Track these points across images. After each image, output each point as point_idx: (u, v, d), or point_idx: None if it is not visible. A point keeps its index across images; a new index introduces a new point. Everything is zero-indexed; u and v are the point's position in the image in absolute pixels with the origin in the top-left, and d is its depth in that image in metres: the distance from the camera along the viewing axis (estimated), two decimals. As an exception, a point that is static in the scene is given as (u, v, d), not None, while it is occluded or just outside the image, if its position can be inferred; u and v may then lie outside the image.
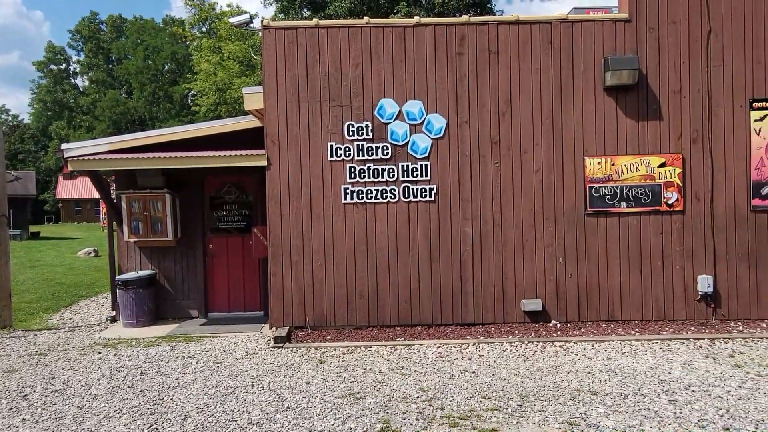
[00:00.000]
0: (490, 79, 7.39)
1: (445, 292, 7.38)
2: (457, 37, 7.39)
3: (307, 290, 7.37)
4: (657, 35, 7.34)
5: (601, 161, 7.35)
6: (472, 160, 7.40)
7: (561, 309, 7.37)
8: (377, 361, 6.05)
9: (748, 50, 7.29)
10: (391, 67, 7.40)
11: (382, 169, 7.37)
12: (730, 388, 4.94)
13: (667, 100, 7.34)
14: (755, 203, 7.26)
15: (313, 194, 7.38)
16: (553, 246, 7.37)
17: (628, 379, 5.25)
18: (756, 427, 4.13)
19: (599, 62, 7.34)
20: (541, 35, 7.38)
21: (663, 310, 7.33)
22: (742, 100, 7.30)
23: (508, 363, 5.87)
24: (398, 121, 7.38)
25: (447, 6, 26.04)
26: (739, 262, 7.28)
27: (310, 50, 7.40)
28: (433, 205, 7.39)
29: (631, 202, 7.33)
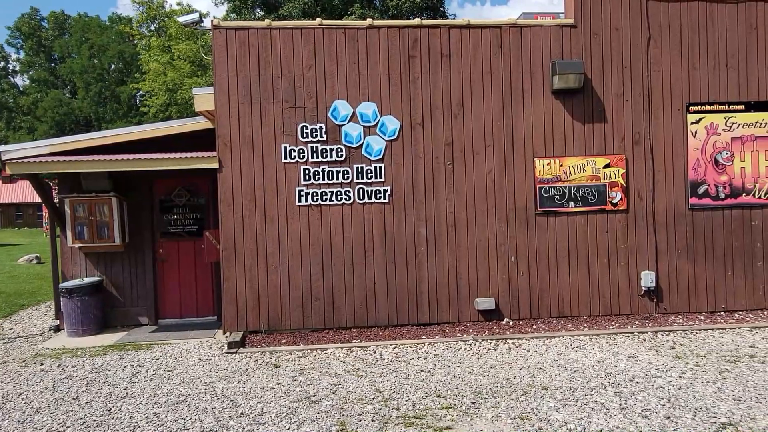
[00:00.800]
0: (442, 82, 7.50)
1: (401, 292, 7.43)
2: (410, 40, 7.46)
3: (261, 294, 7.28)
4: (601, 41, 7.62)
5: (550, 162, 7.57)
6: (426, 161, 7.48)
7: (513, 307, 7.54)
8: (333, 363, 6.02)
9: (684, 56, 7.66)
10: (345, 68, 7.40)
11: (337, 171, 7.35)
12: (671, 378, 5.17)
13: (611, 103, 7.63)
14: (693, 202, 7.64)
15: (266, 197, 7.30)
16: (506, 245, 7.54)
17: (577, 373, 5.43)
18: (694, 414, 4.34)
19: (547, 66, 7.56)
20: (491, 39, 7.54)
21: (609, 305, 7.61)
22: (680, 103, 7.66)
23: (462, 361, 5.96)
24: (352, 122, 7.38)
25: (401, 9, 26.24)
26: (679, 258, 7.64)
27: (262, 51, 7.32)
28: (388, 207, 7.43)
29: (578, 201, 7.57)
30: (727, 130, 7.68)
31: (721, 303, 7.66)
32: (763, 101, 7.68)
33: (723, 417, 4.27)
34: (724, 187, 7.67)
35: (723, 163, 7.67)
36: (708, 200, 7.64)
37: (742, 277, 7.67)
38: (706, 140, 7.66)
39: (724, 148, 7.68)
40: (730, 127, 7.67)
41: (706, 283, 7.66)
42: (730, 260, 7.67)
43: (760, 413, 4.33)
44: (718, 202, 7.65)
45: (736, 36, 7.68)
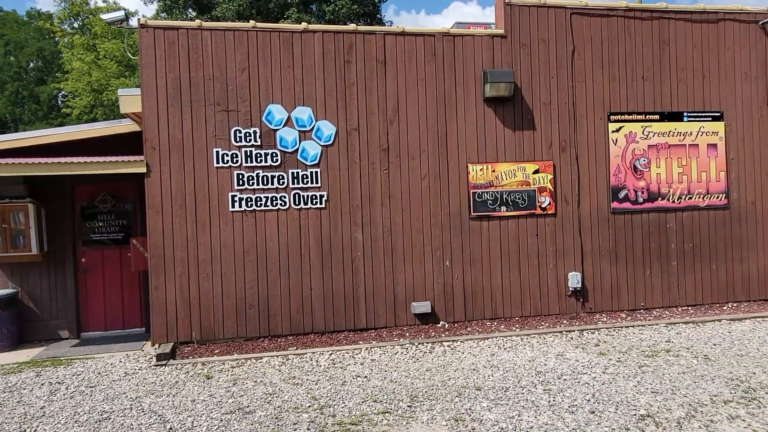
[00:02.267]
0: (378, 88, 7.55)
1: (338, 298, 7.39)
2: (346, 45, 7.47)
3: (192, 303, 7.03)
4: (529, 51, 7.92)
5: (483, 168, 7.77)
6: (362, 166, 7.49)
7: (449, 310, 7.67)
8: (268, 372, 5.90)
9: (605, 68, 8.10)
10: (279, 72, 7.30)
11: (272, 176, 7.23)
12: (596, 374, 5.42)
13: (540, 111, 7.94)
14: (614, 206, 8.07)
15: (198, 202, 7.07)
16: (441, 250, 7.66)
17: (509, 372, 5.59)
18: (616, 408, 4.56)
19: (479, 75, 7.78)
20: (425, 47, 7.68)
21: (540, 306, 7.89)
22: (602, 113, 8.09)
23: (399, 365, 5.99)
24: (287, 127, 7.29)
25: (337, 14, 26.24)
26: (602, 259, 8.04)
27: (193, 52, 7.10)
28: (324, 212, 7.38)
29: (510, 206, 7.82)
30: (644, 139, 8.17)
31: (641, 301, 8.12)
32: (675, 112, 8.23)
33: (642, 409, 4.51)
34: (642, 192, 8.15)
35: (641, 169, 8.16)
36: (628, 204, 8.10)
37: (659, 277, 8.17)
38: (626, 148, 8.12)
39: (641, 155, 8.17)
40: (647, 136, 8.18)
41: (627, 283, 8.10)
42: (648, 261, 8.15)
43: (675, 404, 4.61)
44: (637, 206, 8.12)
45: (651, 50, 8.20)
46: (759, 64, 8.50)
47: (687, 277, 8.24)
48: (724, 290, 8.35)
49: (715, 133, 8.34)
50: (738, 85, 8.43)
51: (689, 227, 8.27)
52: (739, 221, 8.40)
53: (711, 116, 8.34)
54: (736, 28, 8.46)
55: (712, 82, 8.36)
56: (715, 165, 8.34)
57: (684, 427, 4.17)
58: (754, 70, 8.49)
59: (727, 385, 5.03)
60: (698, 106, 8.32)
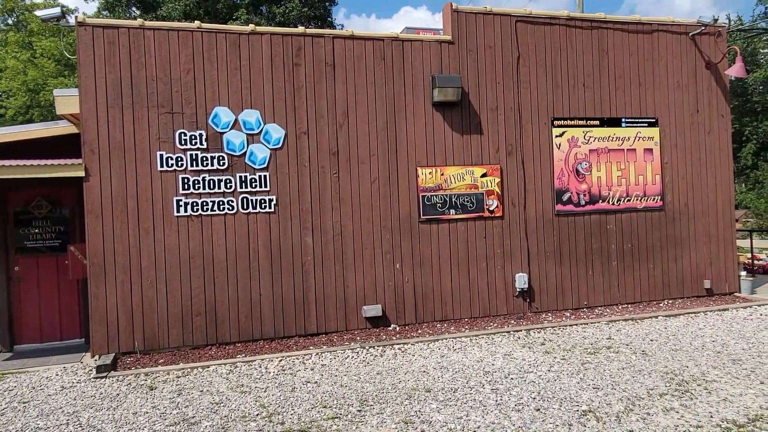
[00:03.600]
0: (327, 91, 7.52)
1: (288, 303, 7.30)
2: (294, 48, 7.41)
3: (135, 311, 6.78)
4: (476, 57, 8.08)
5: (432, 171, 7.87)
6: (312, 170, 7.44)
7: (400, 313, 7.71)
8: (215, 381, 5.76)
9: (549, 75, 8.36)
10: (226, 74, 7.17)
11: (219, 180, 7.08)
12: (541, 372, 5.57)
13: (487, 116, 8.11)
14: (558, 208, 8.33)
15: (141, 207, 6.83)
16: (391, 253, 7.70)
17: (458, 373, 5.66)
18: (560, 404, 4.70)
19: (428, 79, 7.87)
20: (374, 51, 7.71)
21: (488, 307, 8.05)
22: (546, 118, 8.34)
23: (349, 370, 5.97)
24: (235, 130, 7.16)
25: (288, 17, 26.01)
26: (548, 260, 8.28)
27: (135, 52, 6.87)
28: (273, 216, 7.28)
29: (458, 209, 7.94)
30: (585, 143, 8.48)
31: (584, 300, 8.41)
32: (613, 117, 8.59)
33: (584, 405, 4.67)
34: (585, 195, 8.45)
35: (583, 172, 8.46)
36: (571, 207, 8.37)
37: (601, 276, 8.49)
38: (569, 152, 8.40)
39: (583, 159, 8.47)
40: (588, 141, 8.49)
41: (571, 283, 8.37)
42: (591, 261, 8.45)
43: (614, 399, 4.79)
44: (579, 209, 8.41)
45: (592, 58, 8.53)
46: (690, 73, 8.98)
47: (626, 276, 8.59)
48: (660, 288, 8.75)
49: (651, 138, 8.75)
50: (671, 93, 8.87)
51: (628, 228, 8.63)
52: (673, 222, 8.83)
53: (647, 122, 8.74)
54: (669, 39, 8.90)
55: (648, 89, 8.77)
56: (651, 169, 8.75)
57: (623, 420, 4.34)
58: (685, 79, 8.96)
59: (662, 378, 5.27)
60: (635, 113, 8.70)
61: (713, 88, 9.08)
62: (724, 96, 9.15)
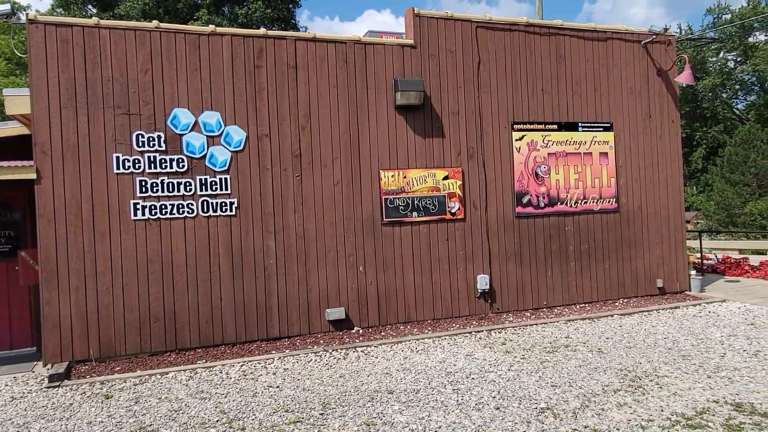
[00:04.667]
0: (289, 94, 7.48)
1: (249, 307, 7.22)
2: (256, 50, 7.35)
3: (90, 318, 6.58)
4: (438, 62, 8.18)
5: (394, 174, 7.92)
6: (274, 173, 7.39)
7: (363, 315, 7.72)
8: (174, 388, 5.64)
9: (508, 80, 8.53)
10: (186, 75, 7.05)
11: (178, 183, 6.95)
12: (501, 372, 5.67)
13: (448, 119, 8.22)
14: (518, 210, 8.50)
15: (96, 211, 6.65)
16: (354, 255, 7.70)
17: (421, 375, 5.71)
18: (520, 402, 4.80)
19: (390, 83, 7.92)
20: (337, 54, 7.71)
21: (451, 308, 8.14)
22: (506, 122, 8.50)
23: (312, 373, 5.95)
24: (194, 132, 7.05)
25: (250, 18, 25.74)
26: (508, 262, 8.44)
27: (90, 52, 6.69)
28: (235, 219, 7.19)
29: (421, 211, 8.01)
30: (544, 147, 8.68)
31: (544, 300, 8.60)
32: (571, 122, 8.82)
33: (542, 402, 4.78)
34: (544, 197, 8.65)
35: (542, 175, 8.66)
36: (531, 209, 8.56)
37: (560, 277, 8.70)
38: (528, 155, 8.59)
39: (542, 162, 8.67)
40: (547, 144, 8.69)
41: (531, 284, 8.55)
42: (550, 262, 8.65)
43: (571, 396, 4.92)
44: (539, 211, 8.61)
45: (550, 64, 8.75)
46: (642, 80, 9.31)
47: (584, 276, 8.83)
48: (616, 287, 9.03)
49: (606, 142, 9.03)
50: (625, 99, 9.18)
51: (585, 230, 8.87)
52: (627, 224, 9.13)
53: (602, 126, 9.02)
54: (623, 47, 9.22)
55: (603, 95, 9.05)
56: (607, 172, 9.03)
57: (579, 416, 4.46)
58: (638, 86, 9.28)
59: (617, 375, 5.44)
60: (591, 117, 8.97)
61: (664, 95, 9.44)
62: (675, 102, 9.52)
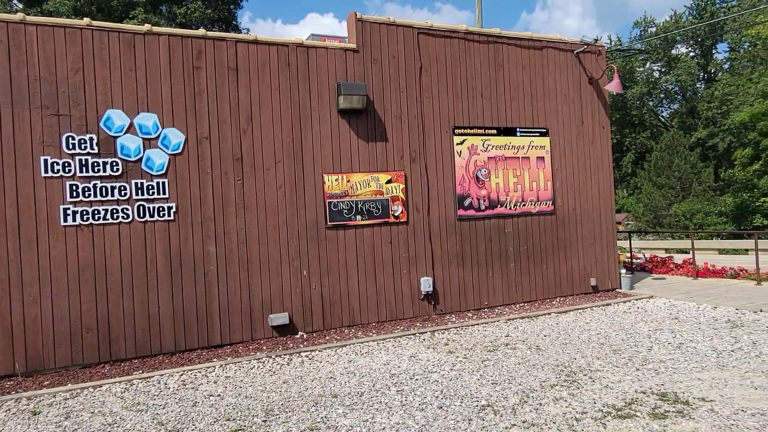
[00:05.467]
0: (230, 96, 7.35)
1: (190, 315, 7.02)
2: (195, 51, 7.18)
3: (16, 330, 6.22)
4: (381, 66, 8.26)
5: (338, 178, 7.92)
6: (214, 176, 7.23)
7: (307, 320, 7.67)
8: (109, 401, 5.41)
9: (449, 85, 8.72)
10: (120, 75, 6.80)
11: (112, 187, 6.68)
12: (444, 372, 5.78)
13: (391, 124, 8.31)
14: (460, 213, 8.69)
15: (22, 216, 6.29)
16: (298, 260, 7.65)
17: (365, 377, 5.73)
18: (461, 401, 4.91)
19: (333, 87, 7.93)
20: (279, 57, 7.65)
21: (395, 310, 8.21)
22: (447, 126, 8.68)
23: (255, 380, 5.85)
24: (129, 134, 6.80)
25: (189, 18, 25.08)
26: (451, 264, 8.61)
27: (15, 49, 6.34)
28: (173, 224, 6.98)
29: (365, 215, 8.05)
30: (484, 151, 8.92)
31: (485, 301, 8.83)
32: (509, 127, 9.11)
33: (483, 400, 4.90)
34: (484, 200, 8.88)
35: (482, 179, 8.89)
36: (472, 212, 8.77)
37: (500, 277, 8.95)
38: (469, 159, 8.80)
39: (482, 166, 8.91)
40: (487, 149, 8.94)
41: (473, 285, 8.76)
42: (491, 263, 8.89)
43: (511, 392, 5.08)
44: (480, 213, 8.83)
45: (489, 71, 9.01)
46: (575, 87, 9.74)
47: (523, 276, 9.13)
48: (553, 286, 9.38)
49: (543, 147, 9.39)
50: (560, 106, 9.57)
51: (524, 232, 9.18)
52: (563, 225, 9.51)
53: (539, 132, 9.36)
54: (558, 56, 9.61)
55: (540, 101, 9.40)
56: (543, 175, 9.38)
57: (518, 412, 4.60)
58: (572, 93, 9.70)
59: (553, 371, 5.65)
60: (528, 123, 9.29)
61: (595, 102, 9.91)
62: (605, 109, 10.02)
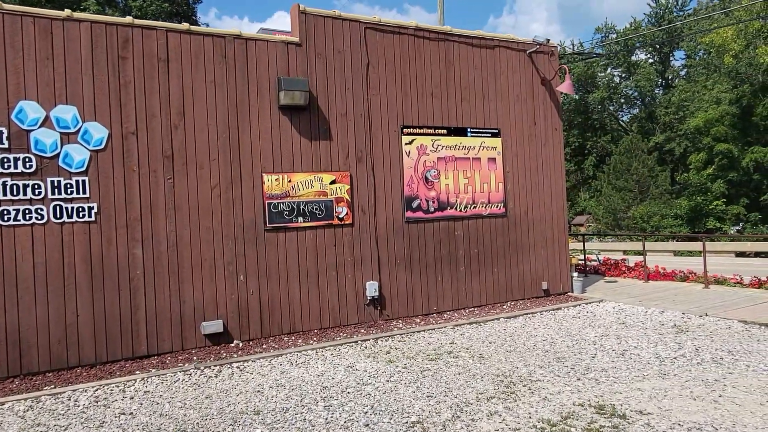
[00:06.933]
0: (160, 88, 6.88)
1: (112, 324, 6.52)
2: (121, 40, 6.68)
3: None
4: (325, 61, 7.90)
5: (278, 178, 7.52)
6: (142, 175, 6.75)
7: (244, 327, 7.24)
8: (7, 421, 4.90)
9: (398, 83, 8.42)
10: (35, 64, 6.26)
11: (24, 185, 6.14)
12: (379, 384, 5.45)
13: (336, 122, 7.95)
14: (408, 215, 8.39)
15: None
16: (234, 264, 7.22)
17: (295, 391, 5.36)
18: (391, 417, 4.59)
19: (274, 81, 7.53)
20: (215, 48, 7.21)
21: (339, 316, 7.86)
22: (396, 125, 8.38)
23: (175, 395, 5.41)
24: (45, 128, 6.27)
25: (145, 11, 24.25)
26: (398, 267, 8.30)
27: None
28: (95, 226, 6.47)
29: (307, 217, 7.68)
30: (434, 151, 8.65)
31: (434, 306, 8.55)
32: (459, 127, 8.87)
33: (414, 416, 4.60)
34: (433, 202, 8.61)
35: (432, 180, 8.62)
36: (420, 213, 8.49)
37: (449, 281, 8.69)
38: (418, 159, 8.52)
39: (432, 166, 8.63)
40: (437, 149, 8.68)
41: (421, 289, 8.47)
42: (440, 267, 8.62)
43: (445, 406, 4.78)
44: (428, 215, 8.55)
45: (439, 69, 8.74)
46: (528, 88, 9.57)
47: (473, 280, 8.89)
48: (504, 290, 9.18)
49: (494, 148, 9.18)
50: (512, 106, 9.38)
51: (474, 234, 8.94)
52: (515, 228, 9.32)
53: (490, 132, 9.15)
54: (510, 56, 9.42)
55: (491, 101, 9.19)
56: (495, 177, 9.17)
57: (448, 429, 4.31)
58: (524, 93, 9.53)
59: (493, 381, 5.39)
60: (480, 123, 9.07)
61: (548, 103, 9.76)
62: (557, 111, 9.88)
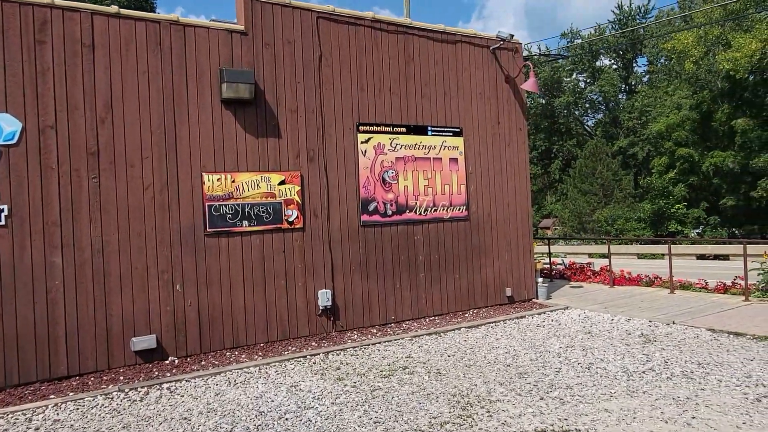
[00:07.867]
0: (84, 78, 6.18)
1: (26, 341, 5.77)
2: (37, 22, 5.96)
3: None
4: (273, 52, 7.30)
5: (221, 178, 6.89)
6: (62, 173, 6.03)
7: (180, 342, 6.57)
8: None
9: (353, 78, 7.87)
10: (-67, 46, 5.49)
11: None
12: (323, 408, 4.88)
13: (285, 118, 7.36)
14: (364, 219, 7.85)
15: None
16: (170, 272, 6.54)
17: (226, 417, 4.74)
18: (331, 449, 4.03)
19: (216, 72, 6.90)
20: (148, 35, 6.54)
21: (288, 328, 7.25)
22: (351, 123, 7.83)
23: (89, 424, 4.73)
24: (-55, 119, 5.51)
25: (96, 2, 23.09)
26: (354, 274, 7.74)
27: None
28: (5, 231, 5.73)
29: (253, 220, 7.06)
30: (392, 151, 8.14)
31: (392, 314, 8.02)
32: (420, 125, 8.38)
33: (357, 447, 4.05)
34: (391, 205, 8.09)
35: (389, 181, 8.10)
36: (377, 217, 7.95)
37: (408, 289, 8.18)
38: (375, 159, 7.99)
39: (390, 167, 8.12)
40: (395, 148, 8.16)
41: (378, 297, 7.93)
42: (398, 273, 8.10)
43: (393, 434, 4.25)
44: (386, 219, 8.03)
45: (398, 64, 8.24)
46: (491, 86, 9.15)
47: (434, 287, 8.40)
48: (466, 298, 8.71)
49: (456, 147, 8.72)
50: (475, 103, 8.95)
51: (435, 239, 8.45)
52: (478, 232, 8.87)
53: (452, 131, 8.69)
54: (473, 51, 8.99)
55: (453, 99, 8.73)
56: (457, 178, 8.71)
57: (395, 463, 3.77)
58: (488, 91, 9.11)
59: (449, 402, 4.88)
60: (441, 122, 8.60)
61: (512, 102, 9.37)
62: (522, 110, 9.50)
